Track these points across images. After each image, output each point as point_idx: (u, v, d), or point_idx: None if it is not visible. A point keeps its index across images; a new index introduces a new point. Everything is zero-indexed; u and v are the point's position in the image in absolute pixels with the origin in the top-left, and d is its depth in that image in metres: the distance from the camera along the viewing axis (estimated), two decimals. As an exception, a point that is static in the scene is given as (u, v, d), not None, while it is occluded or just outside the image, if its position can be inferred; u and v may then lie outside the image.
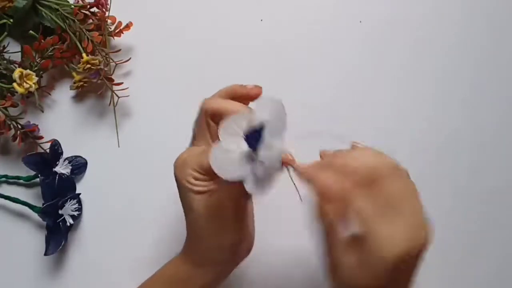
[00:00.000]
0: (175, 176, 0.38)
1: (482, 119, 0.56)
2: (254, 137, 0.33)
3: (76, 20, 0.50)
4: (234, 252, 0.40)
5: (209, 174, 0.35)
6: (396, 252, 0.29)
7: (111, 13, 0.52)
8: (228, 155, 0.33)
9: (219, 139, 0.34)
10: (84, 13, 0.51)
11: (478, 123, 0.56)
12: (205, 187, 0.36)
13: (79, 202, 0.52)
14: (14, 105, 0.50)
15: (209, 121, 0.39)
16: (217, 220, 0.37)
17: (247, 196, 0.38)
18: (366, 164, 0.32)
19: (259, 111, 0.34)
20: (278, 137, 0.34)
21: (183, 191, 0.37)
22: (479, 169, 0.55)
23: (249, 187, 0.33)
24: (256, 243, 0.42)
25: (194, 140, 0.41)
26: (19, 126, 0.50)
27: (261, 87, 0.41)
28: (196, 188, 0.36)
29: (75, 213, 0.51)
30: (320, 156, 0.37)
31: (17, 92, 0.48)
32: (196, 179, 0.36)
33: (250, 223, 0.41)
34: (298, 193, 0.34)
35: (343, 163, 0.32)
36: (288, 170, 0.34)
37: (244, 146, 0.34)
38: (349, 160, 0.32)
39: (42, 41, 0.49)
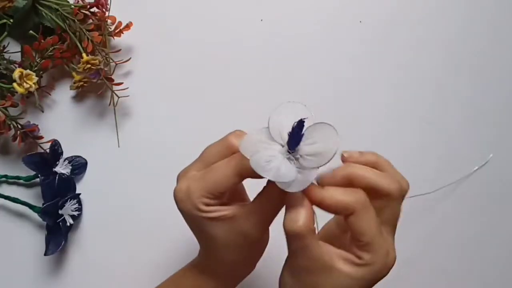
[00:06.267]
0: (181, 210, 0.35)
1: (481, 119, 0.56)
2: (295, 136, 0.31)
3: (76, 20, 0.50)
4: (253, 265, 0.40)
5: (217, 197, 0.34)
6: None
7: (111, 13, 0.52)
8: (272, 163, 0.31)
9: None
10: (84, 13, 0.50)
11: (478, 123, 0.56)
12: (219, 212, 0.34)
13: (79, 202, 0.52)
14: (14, 105, 0.50)
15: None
16: (239, 246, 0.35)
17: (275, 214, 0.35)
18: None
19: (282, 115, 0.32)
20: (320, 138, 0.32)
21: (197, 222, 0.35)
22: (478, 169, 0.55)
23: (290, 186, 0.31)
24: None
25: (192, 166, 0.36)
26: (19, 126, 0.50)
27: None
28: (210, 215, 0.34)
29: (75, 213, 0.50)
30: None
31: (17, 92, 0.48)
32: (207, 204, 0.34)
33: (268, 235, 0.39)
34: None
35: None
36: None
37: (277, 152, 0.32)
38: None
39: (42, 41, 0.49)
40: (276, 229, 0.35)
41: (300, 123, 0.31)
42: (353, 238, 0.32)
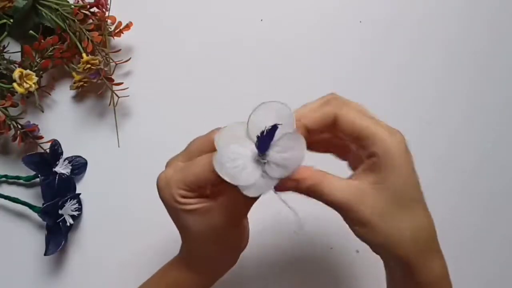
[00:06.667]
0: (162, 198, 0.36)
1: (481, 119, 0.56)
2: (264, 140, 0.31)
3: (76, 20, 0.50)
4: (233, 259, 0.40)
5: (195, 190, 0.34)
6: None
7: (111, 13, 0.52)
8: (237, 162, 0.31)
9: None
10: (84, 13, 0.51)
11: (478, 124, 0.56)
12: (196, 204, 0.34)
13: (79, 202, 0.52)
14: (14, 105, 0.50)
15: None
16: (217, 238, 0.36)
17: (246, 209, 0.36)
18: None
19: (262, 116, 0.32)
20: (293, 142, 0.31)
21: (175, 212, 0.36)
22: (478, 169, 0.55)
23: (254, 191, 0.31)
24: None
25: (178, 156, 0.37)
26: (19, 126, 0.50)
27: None
28: (187, 207, 0.34)
29: (75, 213, 0.50)
30: None
31: (17, 92, 0.48)
32: (184, 196, 0.34)
33: (247, 228, 0.40)
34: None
35: None
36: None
37: (249, 152, 0.31)
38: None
39: (42, 41, 0.49)
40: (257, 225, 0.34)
41: (272, 129, 0.30)
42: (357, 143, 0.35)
